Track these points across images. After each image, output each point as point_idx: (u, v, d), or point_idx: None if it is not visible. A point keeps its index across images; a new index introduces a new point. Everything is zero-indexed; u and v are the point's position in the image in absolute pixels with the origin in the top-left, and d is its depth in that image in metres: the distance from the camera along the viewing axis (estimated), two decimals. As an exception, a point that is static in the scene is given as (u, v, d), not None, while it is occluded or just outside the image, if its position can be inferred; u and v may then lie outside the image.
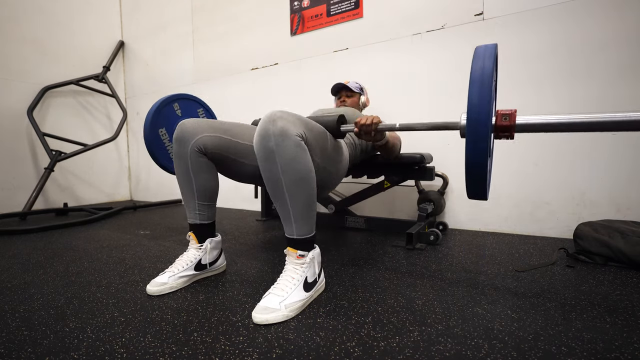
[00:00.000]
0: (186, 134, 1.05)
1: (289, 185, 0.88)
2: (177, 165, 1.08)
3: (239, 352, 0.69)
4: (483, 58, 0.75)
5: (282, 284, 0.89)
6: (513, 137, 0.80)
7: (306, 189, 0.90)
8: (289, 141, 0.85)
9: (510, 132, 0.79)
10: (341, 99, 1.68)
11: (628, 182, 1.49)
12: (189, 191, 1.09)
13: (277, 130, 0.85)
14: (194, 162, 1.06)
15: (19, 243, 1.63)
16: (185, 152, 1.05)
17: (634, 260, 1.15)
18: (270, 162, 0.86)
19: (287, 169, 0.86)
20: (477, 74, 0.73)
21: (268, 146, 0.85)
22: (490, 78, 0.72)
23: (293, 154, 0.86)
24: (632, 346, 0.69)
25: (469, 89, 0.74)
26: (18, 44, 2.69)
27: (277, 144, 0.85)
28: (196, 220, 1.11)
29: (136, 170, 3.48)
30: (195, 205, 1.09)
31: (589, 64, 1.53)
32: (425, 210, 1.60)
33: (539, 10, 1.61)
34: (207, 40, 2.84)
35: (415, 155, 1.55)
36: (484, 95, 0.72)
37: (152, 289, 0.99)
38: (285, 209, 0.91)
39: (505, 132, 0.79)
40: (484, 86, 0.72)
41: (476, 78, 0.73)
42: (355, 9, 2.12)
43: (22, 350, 0.71)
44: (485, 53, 0.76)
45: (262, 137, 0.86)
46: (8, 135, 2.63)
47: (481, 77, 0.73)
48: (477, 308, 0.88)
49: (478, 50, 0.78)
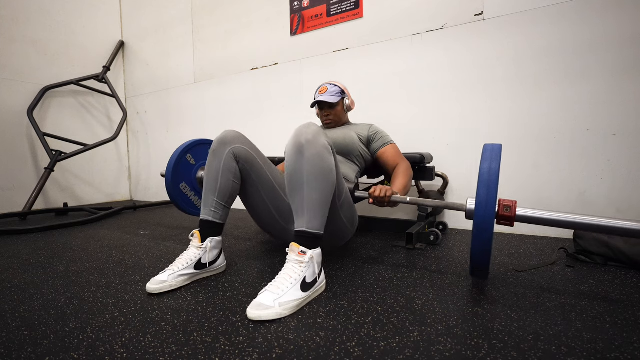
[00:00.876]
0: (228, 139, 1.17)
1: (309, 177, 0.95)
2: (210, 161, 1.16)
3: (239, 352, 0.69)
4: (490, 160, 0.89)
5: (279, 282, 0.89)
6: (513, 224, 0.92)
7: (325, 185, 0.97)
8: (319, 141, 0.97)
9: (511, 222, 0.92)
10: (325, 113, 1.55)
11: (628, 182, 1.49)
12: (212, 187, 1.14)
13: (310, 132, 0.98)
14: (227, 163, 1.15)
15: (19, 243, 1.63)
16: (222, 152, 1.15)
17: (634, 260, 1.15)
18: (298, 155, 0.96)
19: (311, 162, 0.95)
20: (485, 174, 0.88)
21: (299, 141, 0.96)
22: (496, 178, 0.86)
23: (320, 151, 0.97)
24: (632, 346, 0.69)
25: (478, 185, 0.88)
26: (18, 44, 2.69)
27: (308, 140, 0.96)
28: (209, 217, 1.13)
29: (136, 170, 3.48)
30: (213, 202, 1.14)
31: (589, 64, 1.53)
32: (425, 211, 1.60)
33: (539, 10, 1.61)
34: (207, 40, 2.84)
35: (415, 155, 1.55)
36: (491, 194, 0.86)
37: (151, 287, 0.99)
38: (300, 200, 0.96)
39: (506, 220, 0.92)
40: (490, 185, 0.86)
41: (484, 177, 0.88)
42: (355, 9, 2.12)
43: (22, 350, 0.71)
44: (492, 154, 0.90)
45: (296, 135, 0.98)
46: (8, 135, 2.63)
47: (488, 177, 0.87)
48: (477, 308, 0.88)
49: (486, 150, 0.92)
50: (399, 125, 1.97)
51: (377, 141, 1.48)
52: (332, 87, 1.53)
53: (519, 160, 1.70)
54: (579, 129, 1.57)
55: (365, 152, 1.49)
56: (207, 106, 2.89)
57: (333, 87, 1.53)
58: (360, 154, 1.48)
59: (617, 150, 1.50)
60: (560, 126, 1.60)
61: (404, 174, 1.35)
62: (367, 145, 1.50)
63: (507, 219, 0.91)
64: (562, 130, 1.60)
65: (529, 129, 1.66)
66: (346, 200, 1.18)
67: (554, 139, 1.62)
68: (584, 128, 1.56)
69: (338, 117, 1.55)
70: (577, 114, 1.57)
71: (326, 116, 1.55)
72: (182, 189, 1.59)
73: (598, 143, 1.54)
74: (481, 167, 0.89)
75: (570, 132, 1.59)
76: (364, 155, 1.49)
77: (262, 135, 2.53)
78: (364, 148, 1.49)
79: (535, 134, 1.65)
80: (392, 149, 1.46)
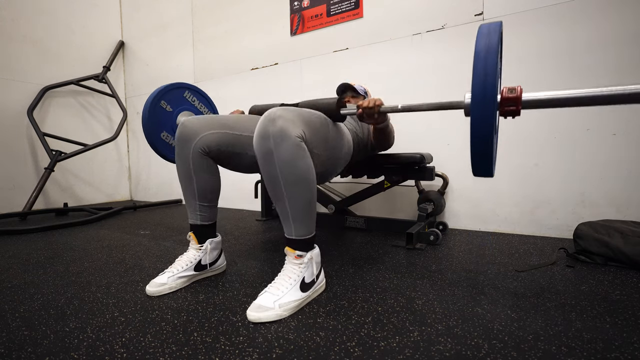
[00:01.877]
0: (188, 134, 1.05)
1: (287, 186, 0.88)
2: (178, 166, 1.08)
3: (239, 352, 0.69)
4: (488, 34, 0.74)
5: (278, 283, 0.89)
6: (519, 112, 0.78)
7: (305, 190, 0.90)
8: (288, 141, 0.85)
9: (517, 107, 0.77)
10: (346, 99, 1.65)
11: (628, 182, 1.49)
12: (190, 192, 1.09)
13: (276, 130, 0.84)
14: (196, 163, 1.06)
15: (19, 243, 1.63)
16: (187, 154, 1.05)
17: (634, 260, 1.15)
18: (269, 163, 0.87)
19: (285, 170, 0.86)
20: (482, 50, 0.73)
21: (267, 146, 0.85)
22: (495, 53, 0.71)
23: (292, 155, 0.86)
24: (632, 346, 0.69)
25: (474, 64, 0.73)
26: (18, 44, 2.69)
27: (276, 144, 0.85)
28: (197, 221, 1.11)
29: (136, 170, 3.48)
30: (196, 205, 1.10)
31: (589, 63, 1.53)
32: (425, 210, 1.60)
33: (539, 10, 1.61)
34: (207, 40, 2.84)
35: (415, 155, 1.55)
36: (490, 70, 0.71)
37: (151, 290, 0.99)
38: (284, 209, 0.91)
39: (511, 106, 0.77)
40: (489, 60, 0.71)
41: (481, 53, 0.73)
42: (355, 9, 2.12)
43: (22, 350, 0.71)
44: (490, 30, 0.75)
45: (261, 137, 0.86)
46: (8, 135, 2.63)
47: (486, 52, 0.72)
48: (477, 308, 0.88)
49: (482, 28, 0.77)
50: (399, 125, 1.96)
51: None
52: (359, 86, 1.63)
53: (519, 160, 1.70)
54: (579, 129, 1.57)
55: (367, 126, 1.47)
56: (207, 106, 2.89)
57: (360, 86, 1.63)
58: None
59: (617, 150, 1.50)
60: (560, 126, 1.60)
61: None
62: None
63: (513, 103, 0.77)
64: (562, 130, 1.60)
65: (529, 129, 1.66)
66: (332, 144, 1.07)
67: (554, 139, 1.62)
68: (584, 128, 1.56)
69: None
70: (577, 114, 1.57)
71: (346, 102, 1.59)
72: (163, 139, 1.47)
73: (598, 143, 1.54)
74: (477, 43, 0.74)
75: (570, 132, 1.59)
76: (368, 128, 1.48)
77: (262, 135, 2.52)
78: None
79: (536, 134, 1.65)
80: None
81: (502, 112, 0.79)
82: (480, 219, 1.81)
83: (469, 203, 1.84)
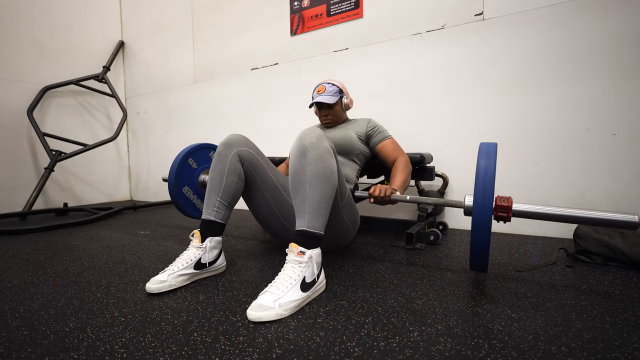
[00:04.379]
0: (233, 142, 1.20)
1: (311, 177, 0.97)
2: (215, 163, 1.18)
3: (239, 352, 0.69)
4: (487, 156, 0.94)
5: (278, 283, 0.89)
6: (510, 219, 0.96)
7: (326, 185, 0.98)
8: (321, 143, 1.00)
9: (508, 214, 0.96)
10: (324, 113, 1.54)
11: (628, 182, 1.49)
12: (217, 187, 1.16)
13: (313, 135, 1.01)
14: (232, 164, 1.17)
15: (19, 243, 1.63)
16: (227, 154, 1.17)
17: (634, 260, 1.15)
18: (301, 156, 0.99)
19: (313, 163, 0.98)
20: (482, 169, 0.92)
21: (303, 144, 1.00)
22: (492, 175, 0.91)
23: (322, 153, 0.99)
24: (632, 346, 0.69)
25: (476, 178, 0.92)
26: (18, 44, 2.69)
27: (311, 143, 1.00)
28: (211, 217, 1.14)
29: (136, 170, 3.48)
30: (216, 201, 1.15)
31: (590, 63, 1.53)
32: (425, 210, 1.60)
33: (539, 10, 1.62)
34: (207, 40, 2.84)
35: (415, 155, 1.55)
36: (488, 185, 0.90)
37: (151, 287, 0.99)
38: (302, 200, 0.97)
39: (503, 212, 0.96)
40: (487, 178, 0.91)
41: (481, 171, 0.92)
42: (355, 9, 2.12)
43: (22, 350, 0.71)
44: (488, 152, 0.95)
45: (300, 138, 1.02)
46: (8, 135, 2.63)
47: (485, 171, 0.92)
48: (477, 308, 0.88)
49: (482, 148, 0.96)
50: (399, 125, 1.97)
51: (376, 136, 1.49)
52: (330, 87, 1.51)
53: (519, 160, 1.70)
54: (579, 129, 1.57)
55: (364, 149, 1.50)
56: (207, 106, 2.89)
57: (331, 86, 1.51)
58: (360, 152, 1.48)
59: (617, 150, 1.50)
60: (560, 126, 1.60)
61: (403, 170, 1.36)
62: (365, 142, 1.50)
63: (504, 212, 0.95)
64: (562, 130, 1.60)
65: (529, 129, 1.66)
66: (348, 201, 1.19)
67: (554, 139, 1.62)
68: (584, 128, 1.56)
69: (337, 117, 1.55)
70: (577, 114, 1.57)
71: (325, 116, 1.54)
72: (184, 193, 1.62)
73: (598, 143, 1.54)
74: (478, 164, 0.94)
75: (570, 132, 1.59)
76: (364, 152, 1.49)
77: (262, 135, 2.53)
78: (363, 146, 1.49)
79: (536, 134, 1.65)
80: (390, 143, 1.47)
81: (496, 216, 0.97)
82: (480, 219, 1.81)
83: (469, 203, 1.83)
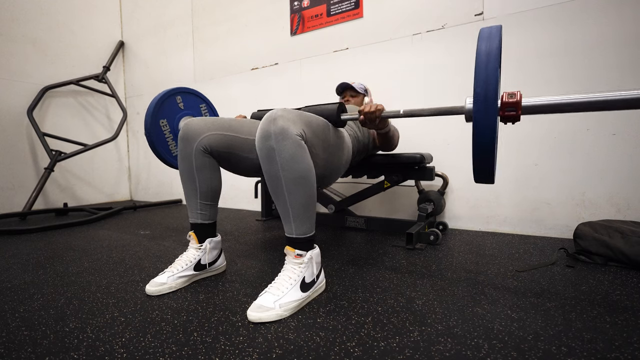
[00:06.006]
0: (191, 133, 1.07)
1: (288, 184, 0.90)
2: (181, 164, 1.10)
3: (239, 352, 0.69)
4: (488, 39, 0.75)
5: (278, 283, 0.89)
6: (519, 117, 0.79)
7: (305, 188, 0.92)
8: (288, 140, 0.87)
9: (517, 112, 0.78)
10: (345, 98, 1.68)
11: (628, 182, 1.49)
12: (192, 190, 1.10)
13: (277, 129, 0.87)
14: (198, 161, 1.07)
15: (19, 243, 1.63)
16: (190, 152, 1.07)
17: (634, 260, 1.14)
18: (271, 161, 0.89)
19: (286, 168, 0.88)
20: (483, 54, 0.74)
21: (268, 145, 0.88)
22: (495, 58, 0.72)
23: (292, 153, 0.88)
24: (632, 346, 0.69)
25: (475, 68, 0.74)
26: (18, 44, 2.69)
27: (277, 143, 0.87)
28: (197, 220, 1.11)
29: (136, 170, 3.48)
30: (197, 204, 1.10)
31: (590, 64, 1.53)
32: (425, 210, 1.60)
33: (539, 10, 1.61)
34: (207, 40, 2.84)
35: (415, 155, 1.55)
36: (491, 75, 0.72)
37: (151, 289, 0.99)
38: (284, 207, 0.92)
39: (511, 111, 0.78)
40: (489, 65, 0.72)
41: (482, 58, 0.74)
42: (355, 9, 2.11)
43: (22, 350, 0.71)
44: (490, 34, 0.76)
45: (263, 136, 0.88)
46: (8, 135, 2.63)
47: (487, 57, 0.73)
48: (477, 308, 0.88)
49: (483, 32, 0.78)
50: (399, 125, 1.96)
51: None
52: (359, 84, 1.66)
53: (519, 160, 1.70)
54: (579, 129, 1.57)
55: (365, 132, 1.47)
56: (207, 106, 2.89)
57: (360, 84, 1.66)
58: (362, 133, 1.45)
59: (617, 150, 1.50)
60: (560, 126, 1.60)
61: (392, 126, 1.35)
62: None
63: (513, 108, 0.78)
64: (562, 130, 1.60)
65: (529, 128, 1.66)
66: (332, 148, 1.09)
67: (554, 139, 1.62)
68: (584, 128, 1.56)
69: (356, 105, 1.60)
70: (577, 114, 1.57)
71: (346, 101, 1.64)
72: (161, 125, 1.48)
73: (598, 143, 1.54)
74: (478, 50, 0.75)
75: (571, 132, 1.59)
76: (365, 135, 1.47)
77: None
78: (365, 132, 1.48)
79: (536, 134, 1.65)
80: None
81: (503, 117, 0.80)
82: (480, 219, 1.81)
83: (469, 203, 1.84)
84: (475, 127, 0.75)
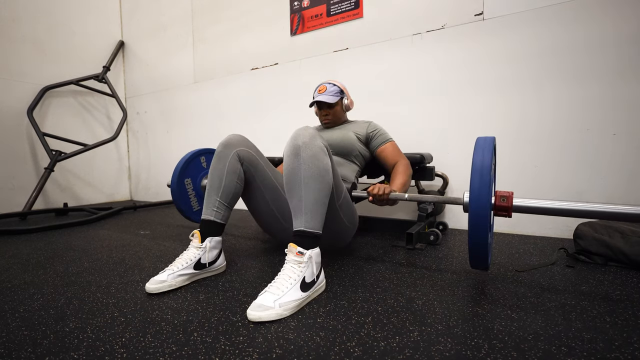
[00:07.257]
0: (232, 142, 1.20)
1: (306, 177, 0.97)
2: (215, 163, 1.18)
3: (239, 352, 0.69)
4: (482, 150, 0.89)
5: (278, 283, 0.89)
6: (511, 215, 0.92)
7: (322, 185, 0.98)
8: (315, 142, 1.00)
9: (508, 212, 0.91)
10: (323, 113, 1.54)
11: (628, 182, 1.49)
12: (216, 187, 1.16)
13: (306, 134, 1.01)
14: (231, 164, 1.17)
15: (19, 243, 1.63)
16: (227, 154, 1.18)
17: (634, 260, 1.15)
18: (295, 156, 0.99)
19: (308, 162, 0.97)
20: (478, 165, 0.88)
21: (296, 144, 1.00)
22: (489, 168, 0.86)
23: (316, 152, 0.99)
24: (632, 346, 0.69)
25: (471, 176, 0.87)
26: (18, 44, 2.69)
27: (305, 143, 0.99)
28: (211, 217, 1.14)
29: (136, 170, 3.48)
30: (215, 201, 1.15)
31: (590, 64, 1.53)
32: (425, 210, 1.60)
33: (539, 10, 1.61)
34: (207, 40, 2.84)
35: (415, 155, 1.55)
36: (484, 183, 0.86)
37: (151, 287, 0.99)
38: (298, 200, 0.97)
39: (503, 211, 0.92)
40: (483, 175, 0.86)
41: (477, 168, 0.88)
42: (355, 9, 2.12)
43: (22, 350, 0.71)
44: (484, 145, 0.90)
45: (293, 138, 1.01)
46: (8, 135, 2.63)
47: (481, 167, 0.87)
48: (477, 308, 0.88)
49: (479, 142, 0.92)
50: (398, 125, 1.97)
51: (376, 139, 1.49)
52: (331, 87, 1.51)
53: (518, 160, 1.70)
54: (579, 129, 1.57)
55: (364, 151, 1.50)
56: (207, 106, 2.89)
57: (332, 86, 1.52)
58: (359, 153, 1.48)
59: (617, 150, 1.50)
60: (560, 126, 1.60)
61: (403, 172, 1.36)
62: (366, 144, 1.50)
63: (504, 209, 0.91)
64: (562, 130, 1.60)
65: (529, 128, 1.66)
66: (345, 200, 1.19)
67: (554, 139, 1.62)
68: (584, 128, 1.56)
69: (337, 117, 1.55)
70: (577, 114, 1.57)
71: (325, 116, 1.55)
72: (185, 184, 1.62)
73: (598, 143, 1.54)
74: (474, 159, 0.89)
75: (571, 132, 1.59)
76: (363, 154, 1.50)
77: (262, 135, 2.53)
78: (363, 147, 1.50)
79: (536, 134, 1.65)
80: (391, 146, 1.47)
81: (496, 212, 0.93)
82: (480, 219, 1.81)
83: (469, 203, 1.83)
84: (470, 221, 0.87)
